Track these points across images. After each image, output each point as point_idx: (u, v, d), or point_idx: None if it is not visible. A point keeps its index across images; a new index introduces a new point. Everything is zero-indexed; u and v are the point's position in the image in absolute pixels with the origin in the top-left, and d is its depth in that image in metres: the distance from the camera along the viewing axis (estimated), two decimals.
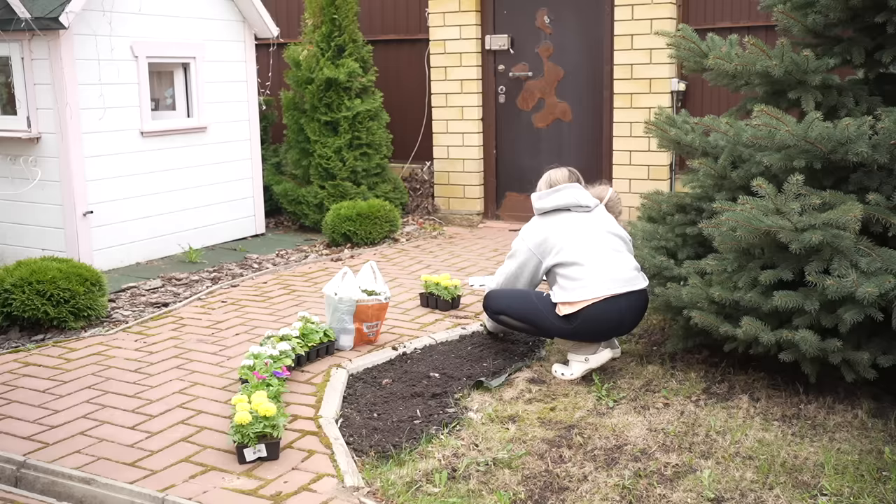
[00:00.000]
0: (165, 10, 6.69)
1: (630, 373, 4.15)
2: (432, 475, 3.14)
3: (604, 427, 3.55)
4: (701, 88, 7.21)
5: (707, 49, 4.39)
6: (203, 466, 3.25)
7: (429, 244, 7.24)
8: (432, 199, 8.45)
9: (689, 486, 3.06)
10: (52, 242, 6.20)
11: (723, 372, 4.09)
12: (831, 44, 4.23)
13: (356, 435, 3.49)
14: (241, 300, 5.49)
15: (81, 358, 4.46)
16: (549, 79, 7.86)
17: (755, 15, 6.79)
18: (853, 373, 3.59)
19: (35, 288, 4.79)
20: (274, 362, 3.89)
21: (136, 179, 6.56)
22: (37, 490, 3.22)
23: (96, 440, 3.49)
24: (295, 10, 8.87)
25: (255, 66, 7.63)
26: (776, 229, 3.50)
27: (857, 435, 3.44)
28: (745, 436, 3.43)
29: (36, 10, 5.79)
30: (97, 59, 6.15)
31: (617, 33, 7.35)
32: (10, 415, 3.76)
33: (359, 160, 7.68)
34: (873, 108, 3.95)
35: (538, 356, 4.40)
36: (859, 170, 3.78)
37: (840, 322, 3.47)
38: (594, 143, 7.74)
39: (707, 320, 3.84)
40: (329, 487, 3.06)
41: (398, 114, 8.36)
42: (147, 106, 6.56)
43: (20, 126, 6.13)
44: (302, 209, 7.78)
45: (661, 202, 4.64)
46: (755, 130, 3.88)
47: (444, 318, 5.02)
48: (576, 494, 3.03)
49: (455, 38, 8.05)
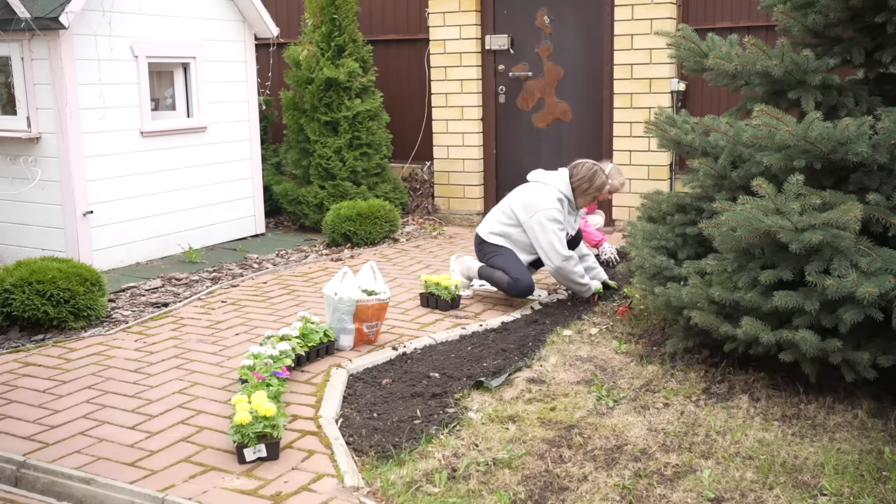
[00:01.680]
0: (165, 10, 6.69)
1: (630, 373, 4.15)
2: (432, 475, 3.14)
3: (604, 427, 3.55)
4: (701, 88, 7.21)
5: (707, 49, 4.39)
6: (203, 466, 3.25)
7: (429, 244, 7.24)
8: (432, 199, 8.45)
9: (689, 486, 3.06)
10: (52, 242, 6.20)
11: (723, 372, 4.09)
12: (831, 44, 4.23)
13: (356, 435, 3.49)
14: (241, 300, 5.49)
15: (81, 358, 4.46)
16: (549, 79, 7.86)
17: (755, 15, 6.80)
18: (853, 373, 3.59)
19: (35, 288, 4.79)
20: (274, 362, 3.89)
21: (136, 179, 6.56)
22: (37, 490, 3.22)
23: (96, 440, 3.49)
24: (295, 10, 8.87)
25: (255, 66, 7.63)
26: (776, 229, 3.50)
27: (857, 435, 3.44)
28: (745, 436, 3.43)
29: (36, 10, 5.79)
30: (97, 59, 6.15)
31: (617, 33, 7.35)
32: (10, 415, 3.76)
33: (359, 160, 7.68)
34: (873, 108, 3.95)
35: (538, 356, 4.40)
36: (859, 170, 3.77)
37: (840, 322, 3.47)
38: (594, 143, 7.74)
39: (707, 320, 3.84)
40: (329, 487, 3.06)
41: (398, 114, 8.36)
42: (147, 106, 6.56)
43: (20, 126, 6.13)
44: (302, 209, 7.78)
45: (661, 202, 4.64)
46: (755, 130, 3.88)
47: (444, 318, 5.02)
48: (576, 494, 3.03)
49: (455, 38, 8.05)
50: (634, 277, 4.58)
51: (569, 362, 4.29)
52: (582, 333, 4.74)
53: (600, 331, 4.77)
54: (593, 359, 4.35)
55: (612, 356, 4.37)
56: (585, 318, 5.00)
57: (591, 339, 4.65)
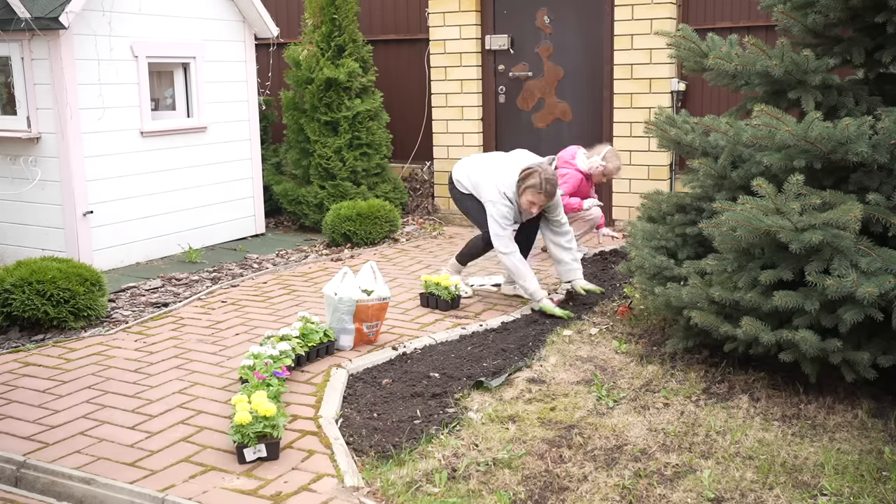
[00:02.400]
0: (165, 10, 6.69)
1: (630, 373, 4.15)
2: (432, 475, 3.14)
3: (604, 427, 3.55)
4: (701, 88, 7.21)
5: (707, 49, 4.39)
6: (203, 466, 3.25)
7: (429, 244, 7.24)
8: (432, 199, 8.45)
9: (689, 486, 3.06)
10: (52, 242, 6.20)
11: (723, 372, 4.09)
12: (831, 44, 4.23)
13: (356, 435, 3.49)
14: (241, 300, 5.49)
15: (81, 358, 4.46)
16: (549, 79, 7.86)
17: (755, 15, 6.79)
18: (853, 373, 3.59)
19: (35, 288, 4.80)
20: (274, 362, 3.89)
21: (136, 179, 6.56)
22: (37, 490, 3.22)
23: (96, 440, 3.49)
24: (295, 10, 8.87)
25: (255, 66, 7.63)
26: (776, 229, 3.50)
27: (857, 435, 3.44)
28: (745, 436, 3.43)
29: (36, 10, 5.79)
30: (97, 59, 6.15)
31: (617, 33, 7.35)
32: (10, 415, 3.76)
33: (359, 160, 7.68)
34: (873, 108, 3.95)
35: (538, 356, 4.40)
36: (859, 170, 3.77)
37: (840, 322, 3.47)
38: (594, 143, 7.72)
39: (707, 320, 3.84)
40: (329, 487, 3.06)
41: (398, 114, 8.36)
42: (147, 106, 6.56)
43: (20, 126, 6.13)
44: (302, 209, 7.78)
45: (661, 202, 4.64)
46: (755, 130, 3.88)
47: (444, 318, 5.02)
48: (576, 494, 3.03)
49: (455, 38, 8.05)
50: (634, 277, 4.58)
51: (569, 362, 4.29)
52: (582, 333, 4.74)
53: (600, 331, 4.77)
54: (593, 359, 4.35)
55: (612, 356, 4.37)
56: (585, 318, 5.00)
57: (591, 339, 4.65)
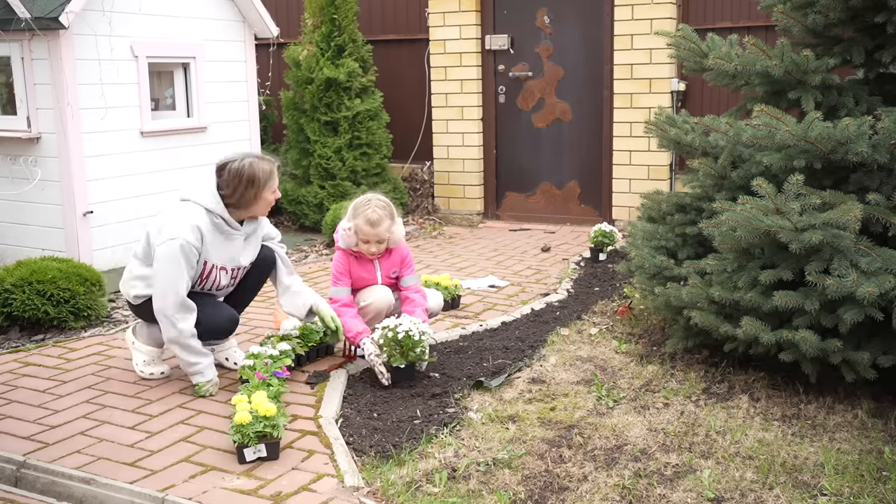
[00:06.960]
0: (165, 10, 6.69)
1: (630, 373, 4.15)
2: (432, 475, 3.14)
3: (604, 427, 3.55)
4: (701, 88, 7.21)
5: (707, 49, 4.39)
6: (203, 466, 3.25)
7: (429, 244, 7.24)
8: (432, 199, 8.45)
9: (689, 486, 3.06)
10: (52, 242, 6.20)
11: (723, 372, 4.09)
12: (831, 44, 4.23)
13: (356, 435, 3.49)
14: None
15: (81, 358, 4.46)
16: (548, 79, 7.86)
17: (755, 15, 6.79)
18: (853, 373, 3.59)
19: (35, 288, 4.80)
20: (274, 362, 3.90)
21: (137, 179, 6.56)
22: (37, 490, 3.22)
23: (96, 440, 3.49)
24: (295, 10, 8.87)
25: (255, 66, 7.62)
26: (776, 229, 3.50)
27: (857, 435, 3.44)
28: (745, 436, 3.43)
29: (36, 10, 5.79)
30: (97, 58, 6.14)
31: (617, 33, 7.35)
32: (10, 415, 3.76)
33: (359, 160, 7.68)
34: (873, 108, 3.95)
35: (538, 356, 4.40)
36: (859, 170, 3.77)
37: (840, 322, 3.47)
38: (594, 143, 7.74)
39: (707, 320, 3.84)
40: (329, 487, 3.06)
41: (398, 114, 8.35)
42: (147, 106, 6.56)
43: (20, 126, 6.12)
44: (302, 209, 7.78)
45: (661, 202, 4.64)
46: (755, 130, 3.88)
47: (444, 318, 5.02)
48: (576, 494, 3.03)
49: (455, 38, 8.05)
50: (634, 277, 4.58)
51: (569, 362, 4.29)
52: (582, 333, 4.74)
53: (600, 331, 4.77)
54: (593, 359, 4.35)
55: (612, 356, 4.37)
56: (585, 318, 5.00)
57: (591, 338, 4.66)
